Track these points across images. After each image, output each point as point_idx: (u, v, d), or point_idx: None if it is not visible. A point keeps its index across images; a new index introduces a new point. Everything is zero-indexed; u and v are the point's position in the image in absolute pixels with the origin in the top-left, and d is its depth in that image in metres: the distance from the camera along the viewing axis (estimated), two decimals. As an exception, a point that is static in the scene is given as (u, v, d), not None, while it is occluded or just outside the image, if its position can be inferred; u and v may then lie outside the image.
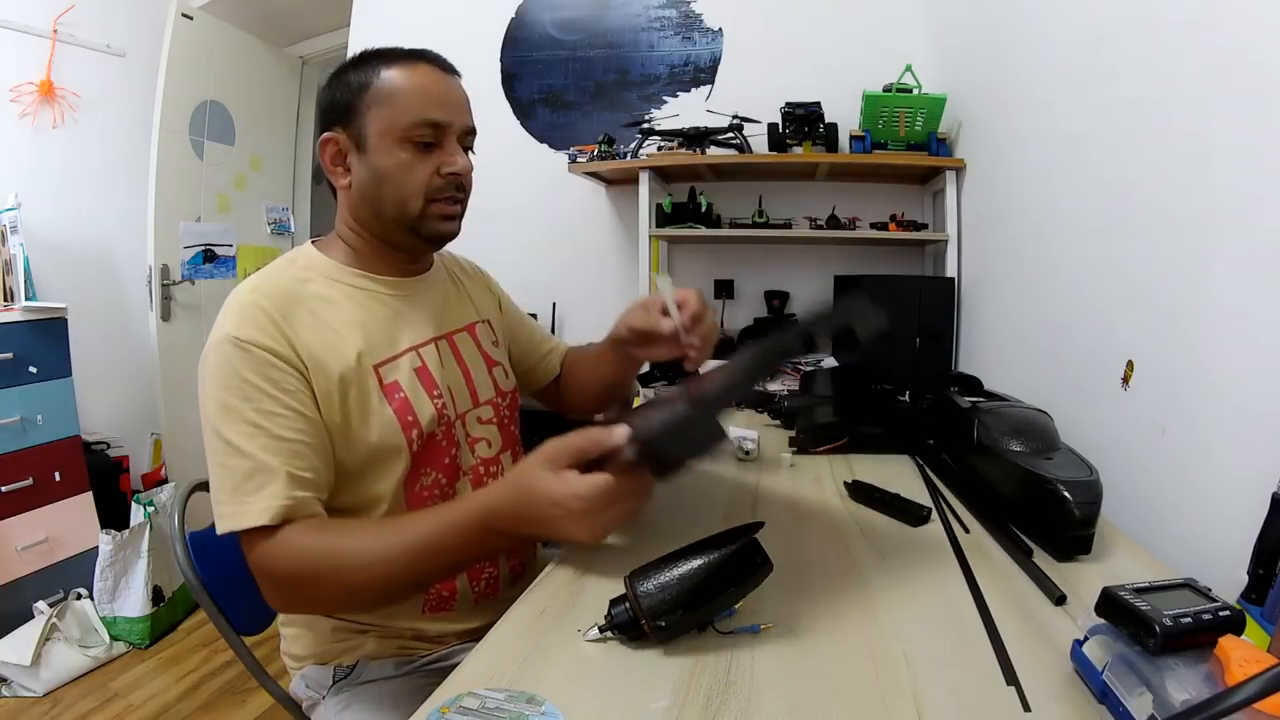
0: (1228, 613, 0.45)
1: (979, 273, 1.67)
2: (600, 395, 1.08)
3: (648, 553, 0.61)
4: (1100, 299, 1.07)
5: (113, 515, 2.11)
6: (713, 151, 1.94)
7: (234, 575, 0.81)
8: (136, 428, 2.57)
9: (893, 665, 0.53)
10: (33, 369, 1.95)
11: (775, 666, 0.53)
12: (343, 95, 0.82)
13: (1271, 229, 0.71)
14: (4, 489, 1.86)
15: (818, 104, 1.88)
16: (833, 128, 1.89)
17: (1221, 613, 0.45)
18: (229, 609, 0.89)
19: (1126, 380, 0.96)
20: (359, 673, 0.86)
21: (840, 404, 1.28)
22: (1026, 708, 0.48)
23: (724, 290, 2.18)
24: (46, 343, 1.99)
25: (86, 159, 2.44)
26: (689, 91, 2.22)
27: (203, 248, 2.71)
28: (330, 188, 0.87)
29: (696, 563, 0.55)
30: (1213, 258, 0.81)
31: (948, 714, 0.47)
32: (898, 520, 0.83)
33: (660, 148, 1.98)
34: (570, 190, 2.24)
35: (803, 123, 1.88)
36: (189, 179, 2.66)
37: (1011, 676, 0.51)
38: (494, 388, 0.95)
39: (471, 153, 0.87)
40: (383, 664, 0.86)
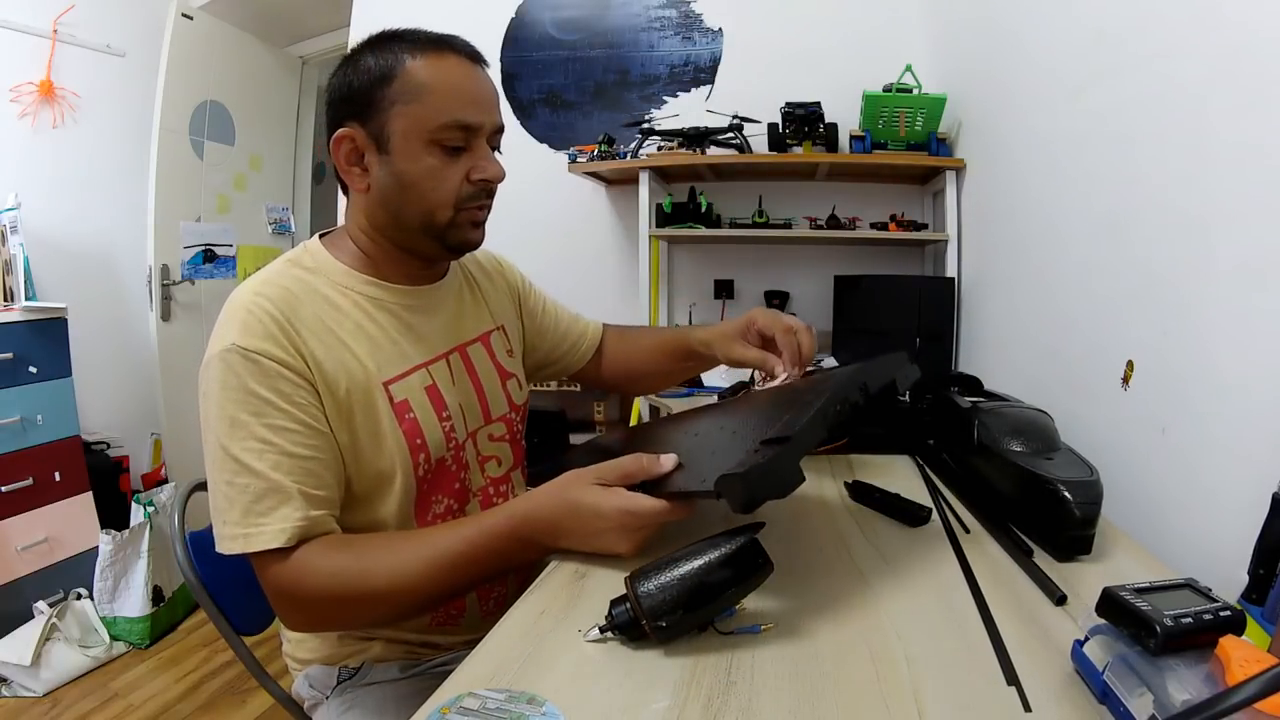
0: (1228, 613, 0.45)
1: (979, 273, 1.67)
2: (650, 380, 1.18)
3: (648, 553, 0.61)
4: (1100, 298, 1.07)
5: (113, 515, 2.11)
6: (713, 151, 1.94)
7: (234, 575, 0.82)
8: (136, 428, 2.57)
9: (893, 665, 0.53)
10: (33, 369, 1.95)
11: (776, 667, 0.53)
12: (360, 85, 0.73)
13: (1272, 228, 0.71)
14: (4, 489, 1.85)
15: (818, 104, 1.88)
16: (833, 128, 1.89)
17: (1222, 613, 0.45)
18: (229, 609, 0.89)
19: (1127, 380, 0.96)
20: (364, 674, 0.85)
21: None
22: (1027, 708, 0.48)
23: (724, 290, 2.18)
24: (46, 343, 1.99)
25: (86, 159, 2.43)
26: (689, 91, 2.22)
27: (203, 248, 2.71)
28: (341, 185, 0.81)
29: (697, 563, 0.55)
30: (1213, 257, 0.80)
31: (948, 714, 0.47)
32: (898, 520, 0.83)
33: (660, 148, 1.99)
34: (570, 190, 2.25)
35: (803, 123, 1.88)
36: (189, 179, 2.66)
37: (1012, 677, 0.51)
38: (507, 402, 0.92)
39: (499, 152, 0.80)
40: (388, 666, 0.86)
